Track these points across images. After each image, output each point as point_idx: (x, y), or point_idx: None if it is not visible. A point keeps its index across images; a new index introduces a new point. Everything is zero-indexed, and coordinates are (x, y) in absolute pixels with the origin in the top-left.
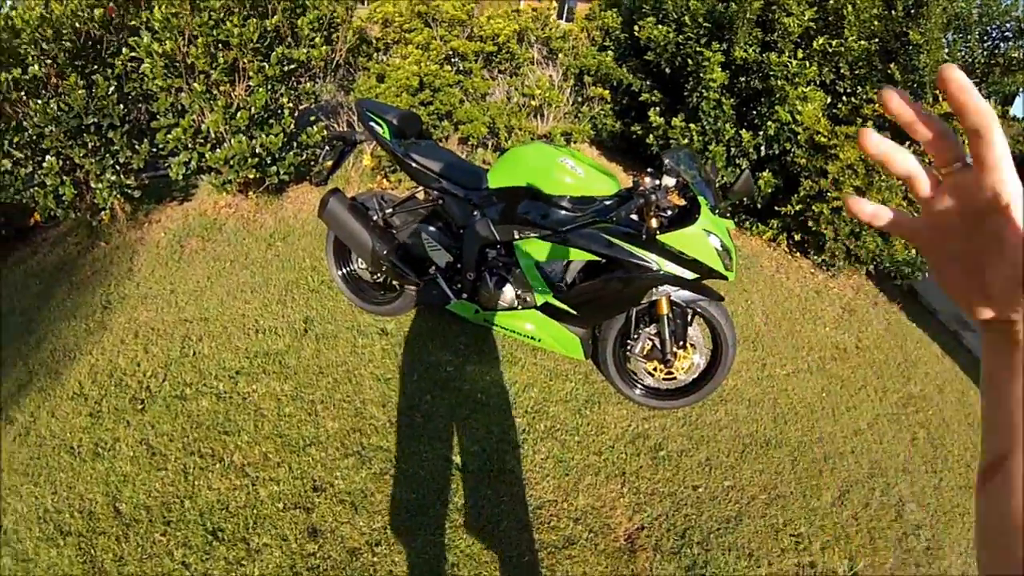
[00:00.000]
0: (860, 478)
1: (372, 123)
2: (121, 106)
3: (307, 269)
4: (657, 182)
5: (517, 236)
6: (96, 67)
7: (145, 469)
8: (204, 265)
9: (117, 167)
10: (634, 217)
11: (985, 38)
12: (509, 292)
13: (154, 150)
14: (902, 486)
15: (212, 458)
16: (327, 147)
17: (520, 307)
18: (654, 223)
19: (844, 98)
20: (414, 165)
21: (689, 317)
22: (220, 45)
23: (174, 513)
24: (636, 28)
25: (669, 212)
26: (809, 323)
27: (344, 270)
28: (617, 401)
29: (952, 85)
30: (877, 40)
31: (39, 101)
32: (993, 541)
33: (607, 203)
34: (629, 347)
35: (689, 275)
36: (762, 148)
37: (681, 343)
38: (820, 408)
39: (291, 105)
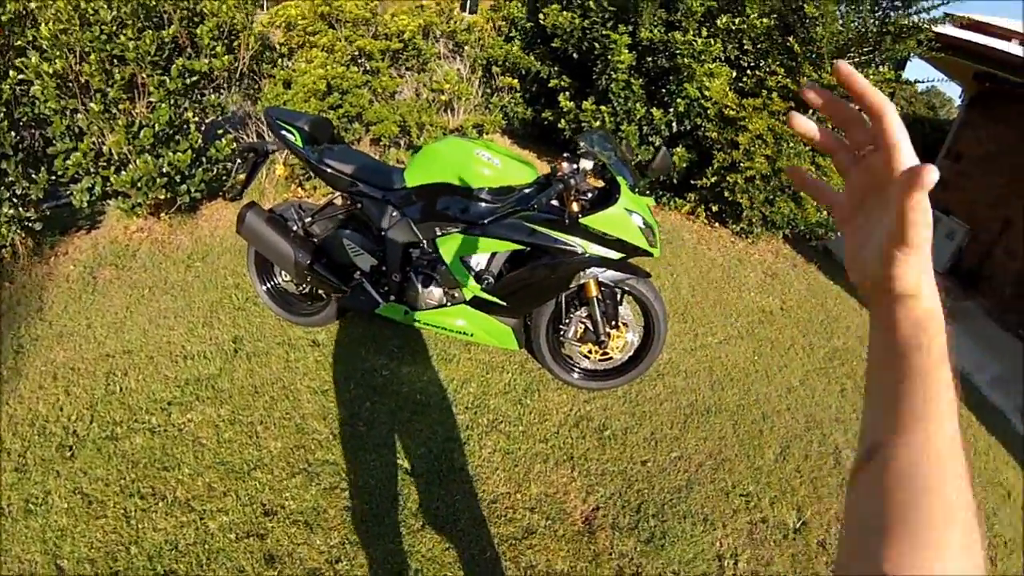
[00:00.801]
0: (798, 432)
1: (283, 131)
2: (13, 133)
3: (230, 288)
4: (575, 166)
5: (439, 233)
6: None
7: (83, 520)
8: (121, 295)
9: (14, 200)
10: (555, 203)
11: (876, 8)
12: (436, 290)
13: (53, 178)
14: (837, 435)
15: (153, 497)
16: (238, 160)
17: (449, 303)
18: (575, 207)
19: (749, 72)
20: (329, 171)
21: (619, 296)
22: (115, 60)
23: (120, 562)
24: (541, 16)
25: (589, 195)
26: (735, 290)
27: (268, 284)
28: (556, 387)
29: (848, 77)
30: (776, 16)
31: None
32: (851, 540)
33: (526, 191)
34: (562, 332)
35: (615, 255)
36: (674, 124)
37: (613, 323)
38: (753, 371)
39: (197, 119)
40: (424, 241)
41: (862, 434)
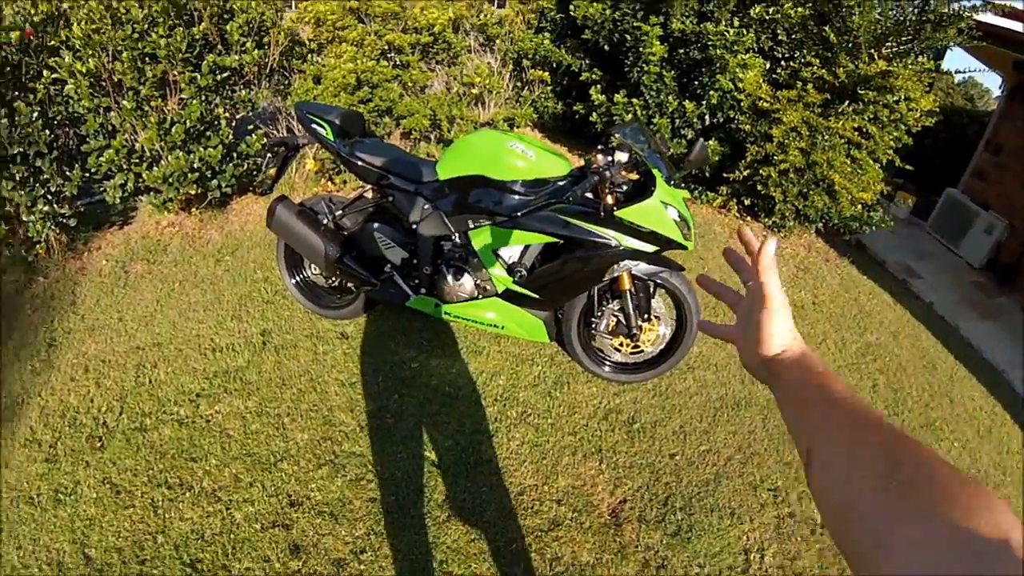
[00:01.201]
0: None
1: (313, 125)
2: (47, 132)
3: (259, 281)
4: (609, 158)
5: (471, 225)
6: (16, 93)
7: (111, 509)
8: (152, 288)
9: (49, 196)
10: (589, 195)
11: None
12: (468, 282)
13: (87, 175)
14: None
15: (181, 487)
16: (268, 155)
17: (480, 296)
18: (610, 199)
19: (783, 63)
20: (360, 164)
21: (651, 289)
22: (147, 58)
23: (147, 551)
24: (571, 7)
25: (624, 187)
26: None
27: (297, 278)
28: (586, 380)
29: (745, 240)
30: (811, 5)
31: None
32: (829, 524)
33: (560, 184)
34: (593, 325)
35: (649, 248)
36: (706, 117)
37: (646, 316)
38: None
39: (227, 115)
40: (456, 234)
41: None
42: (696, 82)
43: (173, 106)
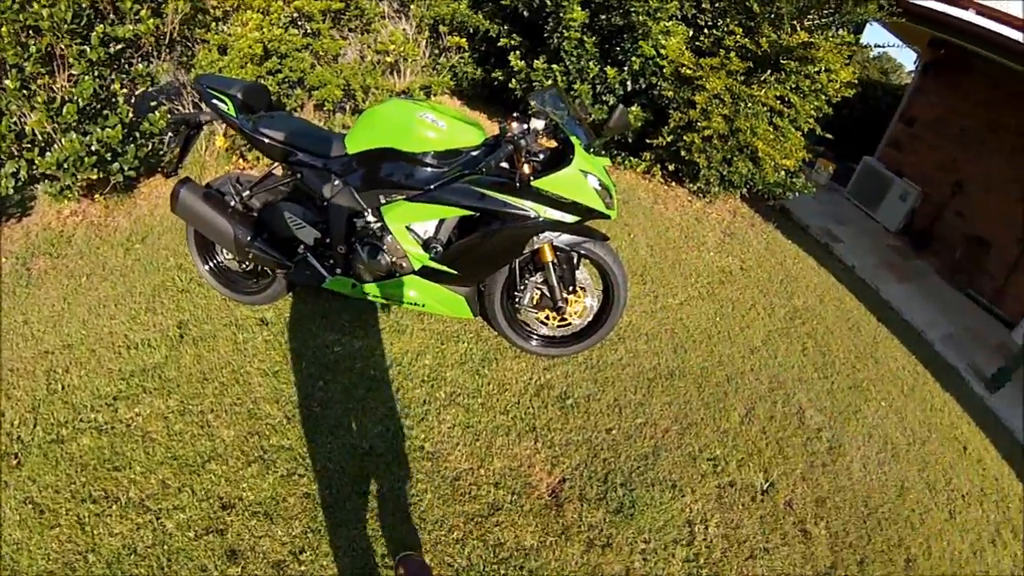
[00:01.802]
0: (762, 393)
1: (215, 100)
2: None
3: (173, 269)
4: (525, 126)
5: (383, 201)
6: None
7: (37, 531)
8: (57, 285)
9: None
10: (505, 165)
11: None
12: (383, 260)
13: None
14: (800, 395)
15: (107, 500)
16: (170, 133)
17: (398, 274)
18: (527, 169)
19: (706, 31)
20: (266, 140)
21: (575, 260)
22: (30, 31)
23: (80, 571)
24: None
25: (542, 156)
26: (693, 250)
27: (211, 263)
28: (515, 355)
29: None
30: None
31: None
32: None
33: (474, 154)
34: (517, 299)
35: (570, 219)
36: (628, 83)
37: (571, 288)
38: (716, 333)
39: (125, 91)
40: (368, 210)
41: None
42: (618, 48)
43: (63, 83)
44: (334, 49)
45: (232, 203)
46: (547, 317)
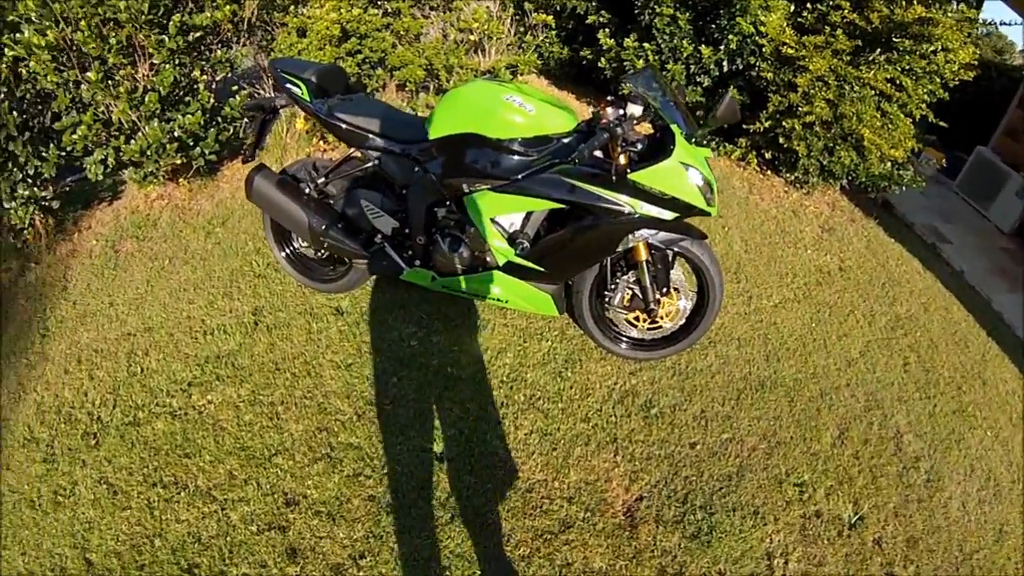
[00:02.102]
0: (858, 412)
1: (288, 85)
2: (14, 113)
3: (251, 253)
4: (621, 111)
5: (466, 190)
6: None
7: (109, 511)
8: (142, 268)
9: (28, 180)
10: (599, 154)
11: None
12: (466, 253)
13: (64, 153)
14: (899, 417)
15: (176, 486)
16: (246, 120)
17: (481, 269)
18: (623, 160)
19: (809, 5)
20: (342, 126)
21: (670, 259)
22: (110, 24)
23: (145, 555)
24: None
25: (638, 145)
26: (790, 246)
27: (288, 250)
28: (600, 356)
29: None
30: None
31: None
32: None
33: (565, 141)
34: (607, 299)
35: (668, 215)
36: (724, 64)
37: (664, 289)
38: (811, 340)
39: (206, 78)
40: (450, 200)
41: None
42: (713, 25)
43: (145, 73)
44: (415, 28)
45: (307, 190)
46: (637, 318)
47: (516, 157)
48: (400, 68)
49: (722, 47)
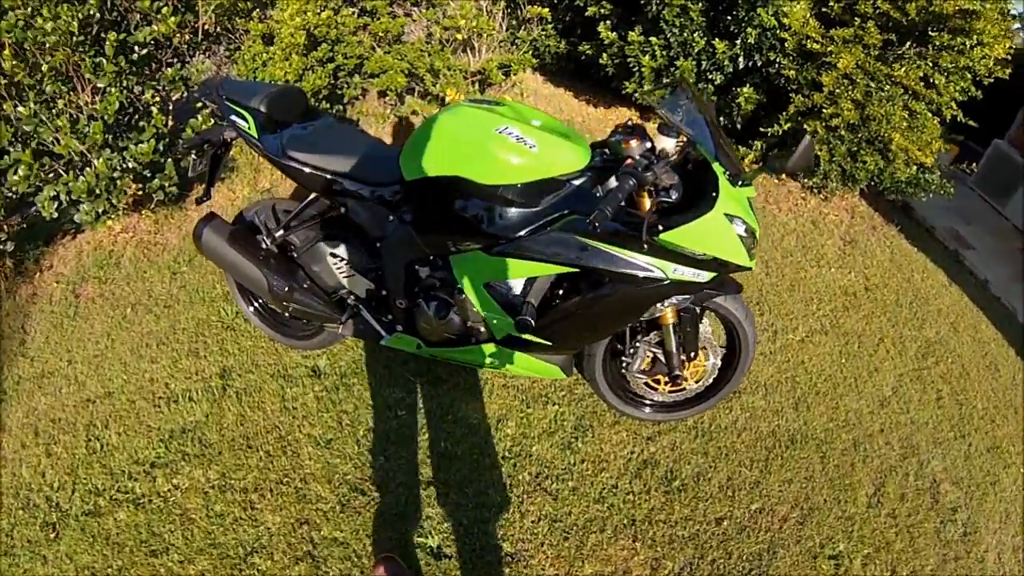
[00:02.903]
0: (893, 463)
1: (234, 117)
2: None
3: (219, 300)
4: (648, 145)
5: (453, 249)
6: None
7: None
8: (103, 317)
9: None
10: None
11: None
12: (456, 321)
13: (11, 193)
14: (935, 463)
15: None
16: (193, 155)
17: (475, 340)
18: (647, 205)
19: None
20: (300, 168)
21: (699, 317)
22: (40, 49)
23: None
24: None
25: (673, 193)
26: (813, 265)
27: (255, 304)
28: (613, 420)
29: None
30: None
31: None
32: None
33: (577, 183)
34: (624, 364)
35: (705, 276)
36: (740, 60)
37: (692, 354)
38: (841, 379)
39: (158, 100)
40: (434, 256)
41: None
42: (729, 17)
43: (88, 99)
44: (395, 29)
45: (265, 244)
46: (657, 381)
47: (514, 209)
48: (379, 75)
49: (738, 41)
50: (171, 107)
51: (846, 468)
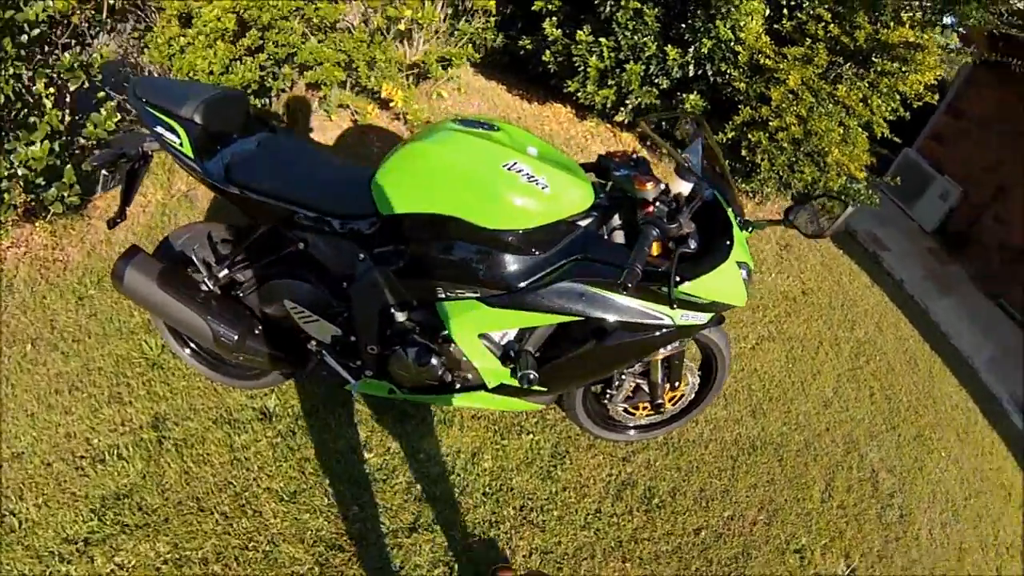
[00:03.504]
0: (839, 458)
1: (161, 129)
2: None
3: (139, 330)
4: (662, 187)
5: (442, 295)
6: None
7: None
8: None
9: None
10: (619, 236)
11: None
12: (438, 369)
13: None
14: (872, 454)
15: None
16: (101, 170)
17: (460, 387)
18: (672, 261)
19: (787, 12)
20: (249, 196)
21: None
22: None
23: None
24: None
25: (692, 242)
26: (755, 271)
27: (192, 345)
28: (588, 444)
29: None
30: None
31: None
32: None
33: (583, 225)
34: (609, 396)
35: (704, 319)
36: (690, 68)
37: (676, 384)
38: (790, 384)
39: (53, 91)
40: (415, 302)
41: None
42: (684, 25)
43: None
44: (332, 15)
45: (206, 286)
46: (636, 406)
47: (520, 257)
48: (313, 67)
49: (691, 50)
50: (68, 100)
51: (801, 468)
